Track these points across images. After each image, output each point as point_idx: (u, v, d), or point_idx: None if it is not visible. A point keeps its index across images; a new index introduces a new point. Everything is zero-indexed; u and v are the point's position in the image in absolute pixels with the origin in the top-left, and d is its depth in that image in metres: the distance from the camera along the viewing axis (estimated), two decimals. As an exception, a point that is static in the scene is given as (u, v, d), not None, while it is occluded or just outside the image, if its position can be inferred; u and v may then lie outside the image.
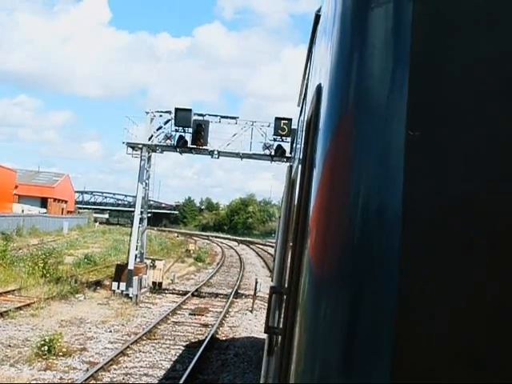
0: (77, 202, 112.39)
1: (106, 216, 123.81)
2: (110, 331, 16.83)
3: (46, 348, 13.11)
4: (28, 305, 19.11)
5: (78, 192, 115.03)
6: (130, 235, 25.32)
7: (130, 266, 23.88)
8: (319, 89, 1.79)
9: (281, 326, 2.14)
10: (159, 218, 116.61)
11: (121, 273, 23.90)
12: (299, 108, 3.99)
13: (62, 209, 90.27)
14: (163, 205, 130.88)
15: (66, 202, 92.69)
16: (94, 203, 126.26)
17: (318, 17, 2.56)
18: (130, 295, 22.46)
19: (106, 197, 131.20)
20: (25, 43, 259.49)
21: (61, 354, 13.43)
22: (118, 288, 23.18)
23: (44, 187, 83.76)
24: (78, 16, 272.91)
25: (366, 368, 1.30)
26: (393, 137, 1.36)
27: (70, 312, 19.11)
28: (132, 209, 25.83)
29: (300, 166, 2.18)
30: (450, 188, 1.31)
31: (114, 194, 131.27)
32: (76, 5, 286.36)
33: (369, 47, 1.47)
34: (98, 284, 25.54)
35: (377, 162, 1.38)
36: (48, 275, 25.11)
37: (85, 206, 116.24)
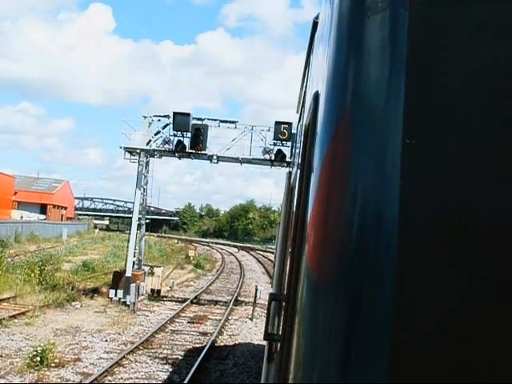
0: (77, 209, 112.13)
1: (107, 222, 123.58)
2: (106, 340, 16.34)
3: (39, 359, 12.65)
4: (23, 313, 18.64)
5: (77, 198, 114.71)
6: (128, 241, 24.89)
7: (128, 273, 23.42)
8: (317, 96, 1.78)
9: (280, 332, 2.14)
10: (159, 224, 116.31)
11: (118, 280, 23.45)
12: (298, 115, 3.98)
13: (62, 215, 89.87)
14: (163, 211, 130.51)
15: (65, 208, 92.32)
16: (94, 209, 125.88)
17: (315, 24, 2.53)
18: (128, 303, 21.99)
19: (105, 203, 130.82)
20: (29, 51, 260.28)
21: (53, 364, 12.94)
22: (116, 295, 22.72)
23: (43, 193, 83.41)
24: (82, 25, 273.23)
25: (364, 373, 1.30)
26: (390, 143, 1.36)
27: (66, 320, 18.65)
28: (132, 215, 25.33)
29: (298, 173, 2.16)
30: (447, 194, 1.32)
31: (114, 201, 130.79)
32: (80, 14, 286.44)
33: (365, 55, 1.47)
34: (95, 291, 25.05)
35: (374, 168, 1.38)
36: (44, 282, 24.66)
37: (85, 213, 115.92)
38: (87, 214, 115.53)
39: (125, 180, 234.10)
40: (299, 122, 3.56)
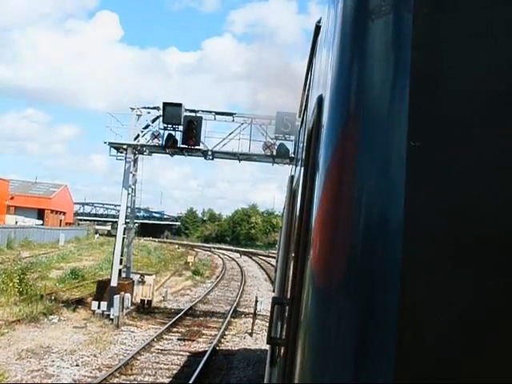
0: (78, 214, 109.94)
1: (108, 228, 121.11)
2: (77, 365, 13.82)
3: (-18, 394, 10.24)
4: (-13, 330, 16.26)
5: (78, 203, 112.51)
6: (114, 247, 22.44)
7: (113, 283, 20.95)
8: (320, 100, 1.79)
9: (284, 336, 2.14)
10: (161, 229, 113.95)
11: (103, 290, 21.02)
12: (300, 119, 3.96)
13: (60, 220, 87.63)
14: (165, 216, 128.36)
15: (64, 213, 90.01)
16: (95, 215, 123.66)
17: (318, 28, 2.54)
18: (112, 316, 19.51)
19: (107, 208, 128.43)
20: (36, 59, 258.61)
21: (0, 401, 10.56)
22: (99, 308, 20.14)
23: (41, 198, 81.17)
24: (90, 33, 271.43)
25: (372, 374, 1.30)
26: (394, 147, 1.37)
27: (37, 338, 16.21)
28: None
29: (301, 177, 2.22)
30: (452, 196, 1.31)
31: (116, 206, 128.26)
32: (88, 21, 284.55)
33: (369, 58, 1.47)
34: (79, 302, 22.55)
35: (379, 172, 1.38)
36: (24, 293, 22.23)
37: (86, 218, 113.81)
38: (88, 220, 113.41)
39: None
40: (301, 125, 3.54)
